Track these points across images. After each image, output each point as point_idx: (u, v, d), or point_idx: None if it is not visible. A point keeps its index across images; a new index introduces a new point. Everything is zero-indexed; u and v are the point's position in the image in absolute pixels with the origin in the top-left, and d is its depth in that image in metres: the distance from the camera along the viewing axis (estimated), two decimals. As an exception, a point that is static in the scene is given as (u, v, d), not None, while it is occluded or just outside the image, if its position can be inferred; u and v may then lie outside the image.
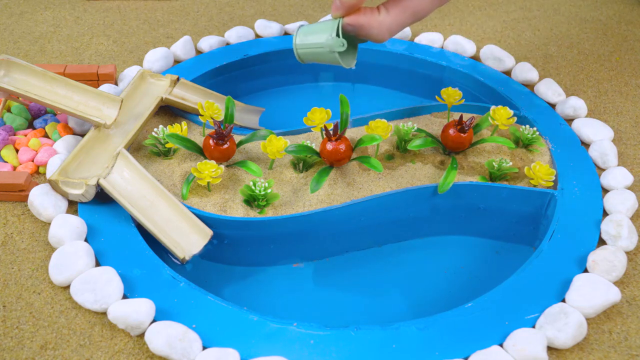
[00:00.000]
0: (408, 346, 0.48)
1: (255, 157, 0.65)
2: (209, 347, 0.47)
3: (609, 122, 0.71)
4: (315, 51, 0.57)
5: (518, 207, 0.61)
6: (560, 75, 0.78)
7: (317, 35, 0.56)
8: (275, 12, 0.88)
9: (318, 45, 0.56)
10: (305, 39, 0.57)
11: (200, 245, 0.56)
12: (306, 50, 0.58)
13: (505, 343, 0.48)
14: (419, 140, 0.63)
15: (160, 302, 0.50)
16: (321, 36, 0.56)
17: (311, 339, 0.48)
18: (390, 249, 0.63)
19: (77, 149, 0.60)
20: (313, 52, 0.57)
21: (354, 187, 0.61)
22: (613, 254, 0.53)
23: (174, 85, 0.69)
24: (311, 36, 0.57)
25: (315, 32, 0.57)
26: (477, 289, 0.58)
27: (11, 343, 0.47)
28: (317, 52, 0.57)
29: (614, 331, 0.50)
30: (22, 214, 0.58)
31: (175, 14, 0.87)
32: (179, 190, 0.60)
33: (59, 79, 0.63)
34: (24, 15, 0.86)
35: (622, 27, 0.88)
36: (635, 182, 0.63)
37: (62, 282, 0.51)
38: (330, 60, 0.57)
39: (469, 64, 0.77)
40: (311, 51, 0.57)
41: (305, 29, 0.58)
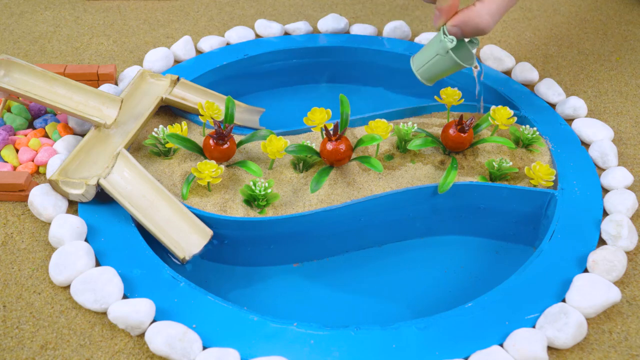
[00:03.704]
0: (408, 346, 0.48)
1: (255, 157, 0.65)
2: (209, 347, 0.47)
3: (609, 122, 0.71)
4: (432, 63, 0.61)
5: (518, 207, 0.61)
6: (560, 75, 0.78)
7: (428, 51, 0.61)
8: (275, 12, 0.88)
9: (432, 56, 0.60)
10: (420, 59, 0.62)
11: (200, 245, 0.56)
12: (425, 68, 0.61)
13: (505, 343, 0.48)
14: (419, 140, 0.63)
15: (160, 302, 0.50)
16: (431, 49, 0.60)
17: (311, 339, 0.48)
18: (390, 249, 0.63)
19: (77, 149, 0.60)
20: (431, 65, 0.61)
21: (354, 187, 0.61)
22: (613, 254, 0.53)
23: (174, 85, 0.69)
24: (423, 54, 0.62)
25: (425, 49, 0.62)
26: (477, 289, 0.58)
27: (11, 343, 0.47)
28: (434, 63, 0.60)
29: (614, 331, 0.50)
30: (22, 214, 0.58)
31: (175, 14, 0.87)
32: (179, 190, 0.60)
33: (59, 79, 0.63)
34: (24, 15, 0.86)
35: (622, 27, 0.88)
36: (635, 182, 0.63)
37: (62, 282, 0.51)
38: (450, 65, 0.60)
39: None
40: (429, 65, 0.61)
41: (416, 54, 0.63)
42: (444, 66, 0.60)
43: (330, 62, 0.80)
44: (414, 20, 0.88)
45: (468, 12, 0.58)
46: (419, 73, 0.62)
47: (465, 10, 0.59)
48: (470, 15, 0.58)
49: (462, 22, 0.58)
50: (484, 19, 0.58)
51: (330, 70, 0.81)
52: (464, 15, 0.58)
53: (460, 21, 0.58)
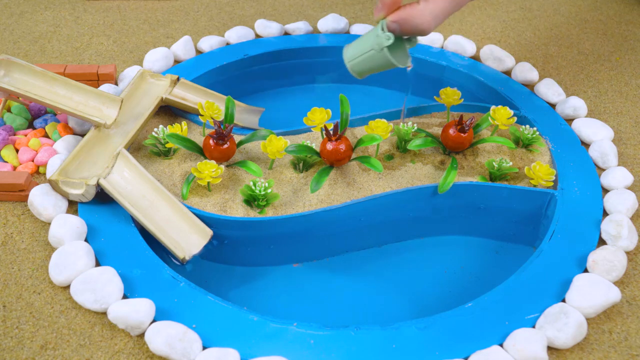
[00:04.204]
0: (408, 346, 0.48)
1: (255, 157, 0.65)
2: (209, 347, 0.47)
3: (609, 122, 0.71)
4: (365, 57, 0.57)
5: (518, 207, 0.61)
6: (560, 75, 0.78)
7: (363, 43, 0.57)
8: (275, 12, 0.88)
9: (366, 50, 0.57)
10: (353, 50, 0.58)
11: (200, 245, 0.56)
12: (357, 61, 0.58)
13: (505, 343, 0.48)
14: (419, 140, 0.63)
15: (160, 302, 0.50)
16: (367, 42, 0.57)
17: (311, 339, 0.48)
18: (390, 249, 0.63)
19: (77, 149, 0.60)
20: (364, 59, 0.57)
21: (354, 187, 0.61)
22: (613, 254, 0.53)
23: (174, 85, 0.69)
24: (358, 46, 0.58)
25: (360, 41, 0.58)
26: (477, 289, 0.58)
27: (11, 343, 0.47)
28: (368, 58, 0.57)
29: (614, 331, 0.50)
30: (22, 214, 0.58)
31: (175, 14, 0.87)
32: (179, 190, 0.60)
33: (59, 79, 0.63)
34: (24, 15, 0.86)
35: (622, 27, 0.88)
36: (635, 182, 0.63)
37: (62, 282, 0.51)
38: (383, 62, 0.57)
39: (469, 64, 0.77)
40: (362, 59, 0.58)
41: (351, 43, 0.59)
42: (377, 63, 0.57)
43: (330, 62, 0.80)
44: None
45: (411, 10, 0.55)
46: (350, 65, 0.59)
47: (408, 7, 0.55)
48: (413, 13, 0.55)
49: (403, 20, 0.55)
50: (425, 20, 0.55)
51: (330, 70, 0.81)
52: (406, 13, 0.55)
53: (400, 18, 0.55)
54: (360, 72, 0.59)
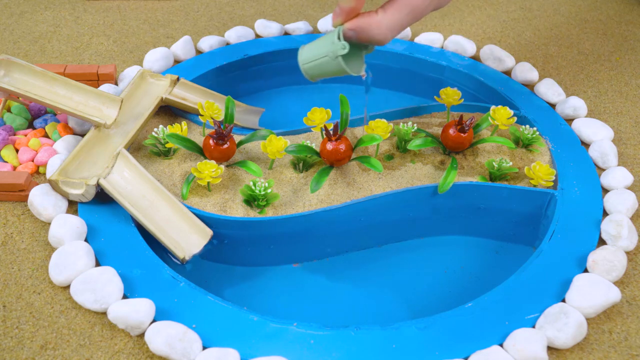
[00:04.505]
0: (408, 346, 0.48)
1: (255, 157, 0.65)
2: (209, 347, 0.47)
3: (609, 122, 0.71)
4: (320, 62, 0.57)
5: (518, 207, 0.61)
6: (560, 75, 0.78)
7: (319, 48, 0.56)
8: (275, 12, 0.88)
9: (321, 55, 0.56)
10: (308, 53, 0.57)
11: (200, 245, 0.56)
12: (311, 64, 0.57)
13: (505, 343, 0.48)
14: (419, 140, 0.63)
15: (160, 302, 0.50)
16: (323, 47, 0.56)
17: (311, 339, 0.48)
18: (390, 249, 0.63)
19: (77, 149, 0.60)
20: (318, 64, 0.57)
21: (354, 187, 0.61)
22: (613, 254, 0.53)
23: (174, 85, 0.69)
24: (313, 50, 0.57)
25: (316, 45, 0.57)
26: (477, 289, 0.58)
27: (11, 343, 0.47)
28: (322, 63, 0.57)
29: (614, 331, 0.50)
30: (22, 214, 0.58)
31: (175, 14, 0.87)
32: (179, 190, 0.60)
33: (59, 79, 0.63)
34: (24, 15, 0.86)
35: (622, 27, 0.88)
36: (635, 182, 0.63)
37: (62, 282, 0.51)
38: (337, 70, 0.56)
39: (469, 64, 0.77)
40: (316, 63, 0.57)
41: (307, 45, 0.58)
42: (331, 69, 0.57)
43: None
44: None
45: (368, 19, 0.54)
46: (305, 68, 0.58)
47: (366, 16, 0.54)
48: (370, 23, 0.54)
49: (360, 28, 0.54)
50: (382, 31, 0.54)
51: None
52: (364, 22, 0.54)
53: (357, 26, 0.54)
54: (314, 76, 0.59)
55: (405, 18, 0.55)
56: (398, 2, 0.54)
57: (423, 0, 0.55)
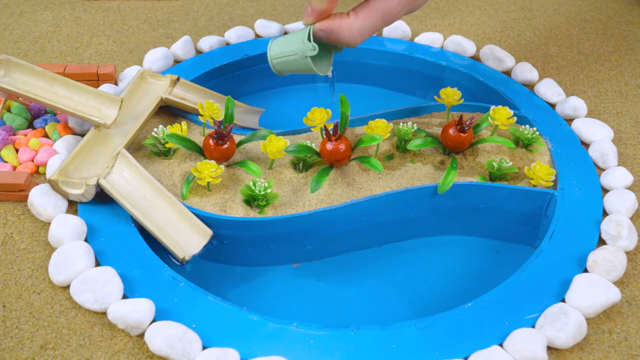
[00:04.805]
0: (408, 346, 0.48)
1: (255, 157, 0.65)
2: (209, 347, 0.47)
3: (609, 122, 0.71)
4: (289, 59, 0.57)
5: (518, 207, 0.61)
6: (560, 75, 0.78)
7: (289, 44, 0.57)
8: (275, 12, 0.88)
9: (291, 53, 0.57)
10: (279, 49, 0.58)
11: (200, 245, 0.56)
12: (280, 60, 0.58)
13: (505, 343, 0.48)
14: (419, 140, 0.63)
15: (160, 302, 0.50)
16: (294, 44, 0.57)
17: (311, 339, 0.48)
18: (390, 249, 0.63)
19: (77, 149, 0.60)
20: (287, 60, 0.58)
21: (354, 187, 0.61)
22: (613, 254, 0.53)
23: (174, 85, 0.69)
24: (284, 46, 0.58)
25: (287, 41, 0.58)
26: (477, 289, 0.58)
27: (11, 343, 0.47)
28: (290, 61, 0.57)
29: (614, 331, 0.50)
30: (22, 214, 0.58)
31: (175, 14, 0.87)
32: (179, 190, 0.60)
33: (59, 79, 0.63)
34: (24, 15, 0.86)
35: (622, 27, 0.88)
36: (635, 182, 0.63)
37: (62, 282, 0.51)
38: (304, 68, 0.57)
39: (469, 64, 0.77)
40: (285, 60, 0.58)
41: (277, 40, 0.59)
42: (299, 67, 0.58)
43: (330, 62, 0.80)
44: (414, 20, 0.88)
45: (340, 21, 0.54)
46: (274, 63, 0.59)
47: (338, 18, 0.55)
48: (341, 25, 0.54)
49: (330, 30, 0.55)
50: (352, 35, 0.55)
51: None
52: (335, 24, 0.54)
53: (328, 28, 0.55)
54: (281, 71, 0.60)
55: (377, 23, 0.55)
56: (370, 6, 0.55)
57: (395, 6, 0.55)
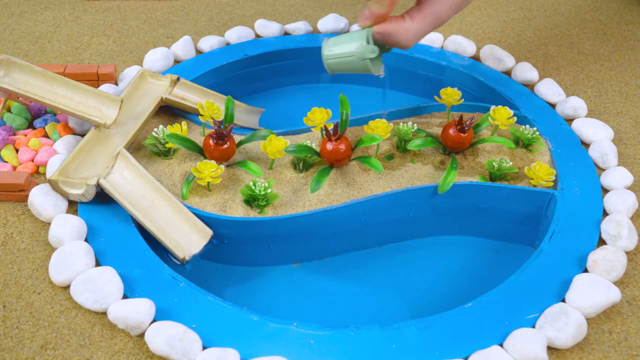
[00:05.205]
0: (408, 346, 0.48)
1: (255, 157, 0.65)
2: (209, 347, 0.47)
3: (609, 122, 0.71)
4: (346, 60, 0.58)
5: (518, 207, 0.61)
6: (560, 75, 0.78)
7: (347, 45, 0.58)
8: (275, 12, 0.88)
9: (349, 54, 0.58)
10: (335, 49, 0.59)
11: (200, 245, 0.56)
12: (336, 60, 0.59)
13: (505, 343, 0.48)
14: (419, 140, 0.63)
15: (160, 302, 0.50)
16: (351, 45, 0.58)
17: (311, 339, 0.48)
18: (390, 249, 0.63)
19: (77, 149, 0.60)
20: (344, 61, 0.59)
21: (354, 187, 0.61)
22: (613, 254, 0.53)
23: (174, 85, 0.69)
24: (340, 46, 0.59)
25: (344, 42, 0.58)
26: (477, 289, 0.58)
27: (11, 343, 0.47)
28: (347, 61, 0.58)
29: (614, 331, 0.50)
30: (22, 214, 0.58)
31: (175, 14, 0.87)
32: (179, 190, 0.60)
33: (59, 79, 0.63)
34: (24, 15, 0.86)
35: (622, 27, 0.88)
36: (635, 182, 0.63)
37: (62, 282, 0.51)
38: (360, 69, 0.58)
39: (469, 64, 0.77)
40: (342, 60, 0.59)
41: (333, 40, 0.60)
42: (355, 68, 0.59)
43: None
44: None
45: (397, 25, 0.56)
46: (329, 63, 0.60)
47: (394, 22, 0.56)
48: (399, 29, 0.56)
49: (388, 34, 0.56)
50: (408, 38, 0.57)
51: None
52: (392, 27, 0.56)
53: (386, 31, 0.56)
54: (336, 71, 0.61)
55: (430, 26, 0.58)
56: (424, 10, 0.57)
57: (447, 10, 0.58)
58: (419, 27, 0.57)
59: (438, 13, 0.57)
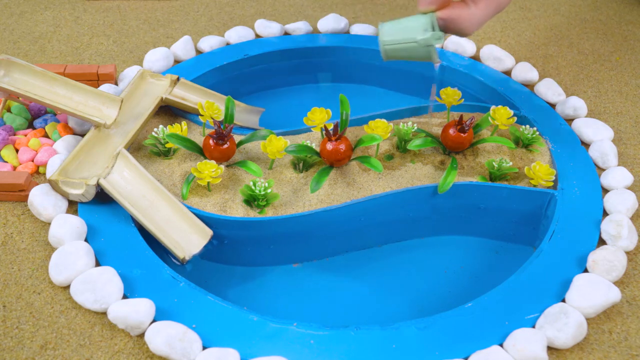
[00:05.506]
0: (408, 346, 0.48)
1: (255, 157, 0.65)
2: (209, 347, 0.47)
3: (609, 122, 0.71)
4: (406, 47, 0.56)
5: (518, 207, 0.61)
6: (560, 75, 0.78)
7: (409, 31, 0.55)
8: (275, 12, 0.88)
9: (409, 40, 0.55)
10: (395, 35, 0.56)
11: (200, 245, 0.56)
12: (395, 47, 0.56)
13: (505, 343, 0.48)
14: (419, 140, 0.63)
15: (160, 302, 0.50)
16: (414, 31, 0.55)
17: (311, 339, 0.48)
18: (390, 249, 0.63)
19: (77, 149, 0.60)
20: (404, 47, 0.56)
21: (354, 187, 0.61)
22: (613, 254, 0.53)
23: (174, 85, 0.69)
24: (401, 32, 0.56)
25: (404, 27, 0.56)
26: (477, 289, 0.58)
27: (11, 343, 0.47)
28: (408, 48, 0.56)
29: (614, 331, 0.50)
30: (22, 214, 0.58)
31: (175, 14, 0.87)
32: (179, 190, 0.60)
33: (59, 79, 0.63)
34: (24, 15, 0.86)
35: (622, 27, 0.88)
36: (635, 182, 0.63)
37: (62, 282, 0.51)
38: (421, 56, 0.56)
39: (469, 64, 0.77)
40: (401, 47, 0.56)
41: (391, 26, 0.57)
42: (415, 54, 0.56)
43: (330, 62, 0.80)
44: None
45: (461, 11, 0.54)
46: (386, 49, 0.57)
47: (458, 8, 0.54)
48: (462, 16, 0.54)
49: (451, 20, 0.54)
50: (472, 25, 0.55)
51: (330, 70, 0.81)
52: (456, 13, 0.54)
53: (449, 17, 0.54)
54: (392, 57, 0.58)
55: (492, 12, 0.56)
56: None
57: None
58: (483, 14, 0.55)
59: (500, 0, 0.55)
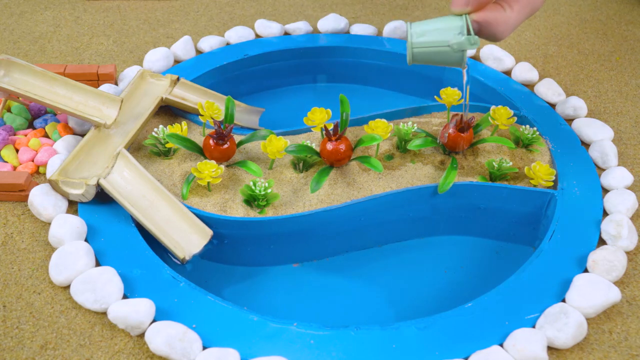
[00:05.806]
0: (408, 346, 0.48)
1: (255, 157, 0.65)
2: (209, 347, 0.47)
3: (609, 122, 0.71)
4: (437, 50, 0.52)
5: (518, 207, 0.61)
6: (560, 75, 0.78)
7: (441, 33, 0.52)
8: (275, 12, 0.88)
9: (441, 44, 0.52)
10: (426, 37, 0.52)
11: (200, 245, 0.56)
12: (425, 50, 0.53)
13: (505, 343, 0.48)
14: (419, 140, 0.63)
15: (160, 302, 0.50)
16: (446, 34, 0.52)
17: (311, 339, 0.48)
18: (390, 249, 0.63)
19: (77, 149, 0.60)
20: (434, 51, 0.52)
21: (354, 187, 0.61)
22: (613, 254, 0.53)
23: (174, 85, 0.69)
24: (433, 35, 0.52)
25: (436, 30, 0.52)
26: (477, 289, 0.58)
27: (11, 343, 0.47)
28: (439, 52, 0.52)
29: (614, 331, 0.50)
30: (22, 214, 0.58)
31: (175, 14, 0.87)
32: (179, 190, 0.60)
33: (59, 79, 0.63)
34: (24, 15, 0.86)
35: (622, 27, 0.88)
36: (635, 182, 0.63)
37: (62, 282, 0.51)
38: (452, 61, 0.53)
39: (469, 64, 0.77)
40: (432, 50, 0.52)
41: (421, 27, 0.53)
42: (446, 60, 0.53)
43: (330, 62, 0.80)
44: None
45: (497, 15, 0.51)
46: (415, 52, 0.53)
47: (495, 11, 0.51)
48: (498, 19, 0.51)
49: (487, 23, 0.51)
50: (507, 29, 0.52)
51: (330, 70, 0.81)
52: (492, 17, 0.51)
53: (485, 20, 0.51)
54: (419, 61, 0.54)
55: (524, 17, 0.53)
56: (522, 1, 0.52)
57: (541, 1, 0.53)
58: (517, 17, 0.52)
59: (534, 3, 0.53)
